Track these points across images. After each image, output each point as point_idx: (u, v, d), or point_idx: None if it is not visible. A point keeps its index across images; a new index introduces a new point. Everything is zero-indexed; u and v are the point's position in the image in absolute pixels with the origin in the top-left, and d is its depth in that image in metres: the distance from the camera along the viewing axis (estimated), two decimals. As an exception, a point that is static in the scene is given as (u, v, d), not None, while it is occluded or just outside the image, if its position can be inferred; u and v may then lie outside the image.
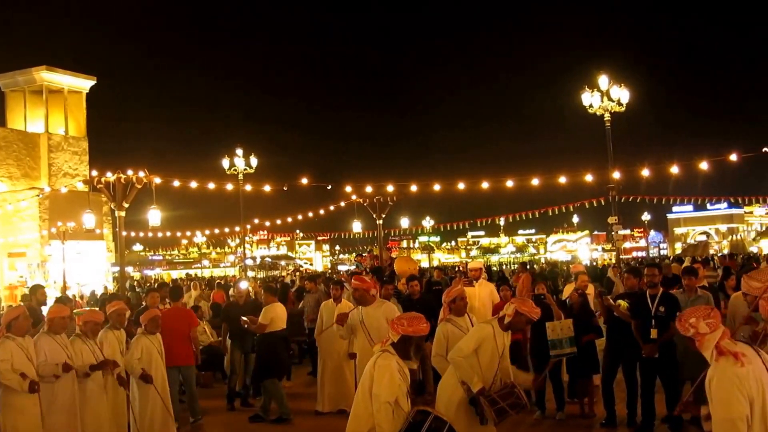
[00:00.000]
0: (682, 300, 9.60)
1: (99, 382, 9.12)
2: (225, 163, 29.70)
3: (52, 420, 8.41)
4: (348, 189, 23.98)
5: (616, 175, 22.42)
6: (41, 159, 36.93)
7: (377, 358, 6.07)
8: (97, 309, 11.96)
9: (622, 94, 22.21)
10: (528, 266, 25.13)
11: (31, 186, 34.92)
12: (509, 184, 22.56)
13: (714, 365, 4.66)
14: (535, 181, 22.55)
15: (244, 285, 14.66)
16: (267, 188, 27.34)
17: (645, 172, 22.30)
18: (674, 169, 21.51)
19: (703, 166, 20.98)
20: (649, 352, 9.36)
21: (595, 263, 50.16)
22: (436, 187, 22.77)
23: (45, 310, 10.42)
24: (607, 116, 22.03)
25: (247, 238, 73.03)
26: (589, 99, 22.25)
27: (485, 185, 22.83)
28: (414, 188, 22.93)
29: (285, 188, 26.85)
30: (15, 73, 38.43)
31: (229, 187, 23.98)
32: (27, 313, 8.71)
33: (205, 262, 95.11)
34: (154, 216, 16.17)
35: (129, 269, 74.54)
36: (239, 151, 30.04)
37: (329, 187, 25.78)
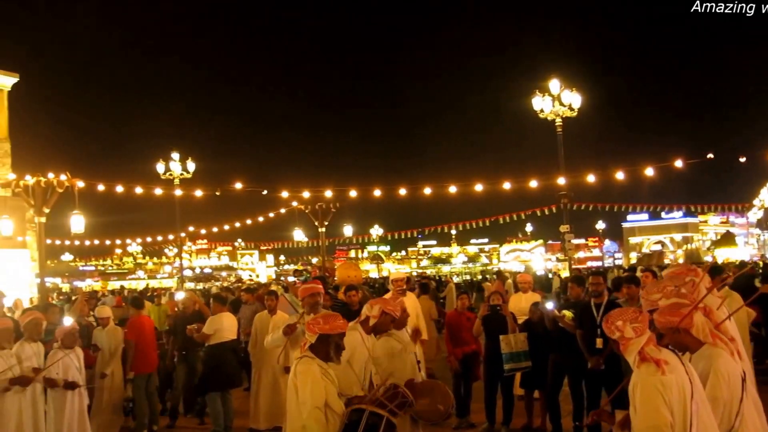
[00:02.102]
0: (625, 309, 9.70)
1: (17, 396, 8.93)
2: (160, 167, 29.38)
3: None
4: (284, 194, 23.68)
5: (562, 181, 22.54)
6: (-45, 160, 35.98)
7: (296, 366, 6.05)
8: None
9: (573, 99, 22.45)
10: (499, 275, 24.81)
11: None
12: (453, 190, 22.55)
13: (636, 372, 4.72)
14: (478, 187, 22.59)
15: (180, 296, 14.50)
16: (198, 193, 26.97)
17: (592, 179, 22.43)
18: (624, 176, 21.67)
19: (649, 172, 21.21)
20: (594, 364, 9.40)
21: (550, 273, 50.49)
22: (377, 193, 22.63)
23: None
24: (558, 121, 22.25)
25: (185, 248, 72.36)
26: (540, 103, 22.45)
27: (428, 191, 22.78)
28: (353, 193, 22.71)
29: (217, 193, 26.54)
30: (-74, 70, 37.05)
31: (159, 192, 23.52)
32: None
33: (140, 273, 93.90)
34: (77, 222, 15.74)
35: (57, 280, 73.41)
36: (175, 155, 29.74)
37: (264, 192, 25.51)
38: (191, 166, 29.53)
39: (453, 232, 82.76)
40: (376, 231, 64.62)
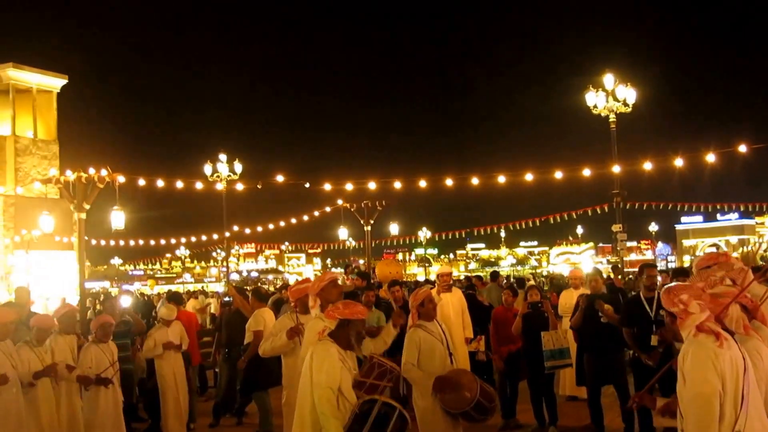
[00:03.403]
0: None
1: (48, 391, 8.85)
2: (207, 169, 29.43)
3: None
4: (327, 187, 23.38)
5: (617, 169, 21.95)
6: (7, 164, 36.13)
7: (314, 348, 5.90)
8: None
9: (628, 94, 21.95)
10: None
11: (-3, 193, 34.31)
12: (501, 180, 22.08)
13: (690, 340, 4.49)
14: (529, 176, 22.11)
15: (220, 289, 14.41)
16: (240, 186, 26.98)
17: (647, 172, 21.77)
18: (681, 163, 20.91)
19: (710, 158, 20.40)
20: (652, 360, 9.00)
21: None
22: (422, 184, 22.26)
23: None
24: (612, 117, 21.78)
25: (233, 251, 72.67)
26: (594, 99, 21.99)
27: (475, 181, 22.38)
28: (398, 185, 22.36)
29: (259, 186, 26.46)
30: (-22, 71, 37.52)
31: (199, 185, 23.39)
32: None
33: (187, 276, 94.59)
34: (118, 218, 15.69)
35: (106, 284, 74.23)
36: (222, 157, 29.80)
37: (307, 185, 25.34)
38: (238, 167, 29.54)
39: (502, 233, 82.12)
40: (424, 234, 64.38)
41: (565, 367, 10.85)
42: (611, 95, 21.86)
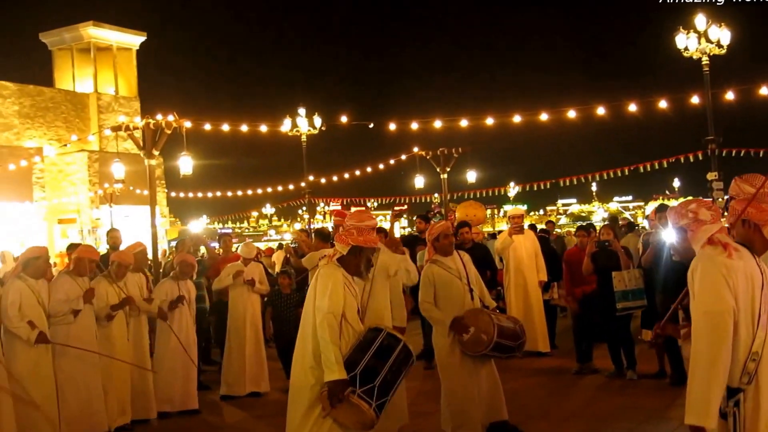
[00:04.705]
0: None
1: (122, 327, 9.11)
2: (287, 123, 29.51)
3: (64, 366, 8.33)
4: (392, 127, 23.10)
5: (710, 113, 21.25)
6: (91, 120, 37.25)
7: (319, 270, 5.78)
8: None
9: (722, 35, 21.13)
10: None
11: (81, 148, 35.33)
12: (572, 114, 21.60)
13: (700, 253, 4.10)
14: (600, 111, 21.55)
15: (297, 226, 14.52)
16: (305, 128, 26.95)
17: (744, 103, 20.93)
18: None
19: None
20: None
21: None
22: (489, 121, 21.85)
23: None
24: (705, 60, 21.03)
25: (318, 209, 72.99)
26: (685, 41, 21.24)
27: (544, 116, 21.92)
28: (464, 122, 21.95)
29: (323, 128, 26.49)
30: (61, 30, 38.74)
31: (264, 128, 23.31)
32: (48, 257, 8.74)
33: (273, 233, 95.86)
34: (186, 163, 15.77)
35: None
36: (302, 111, 29.81)
37: (371, 126, 25.23)
38: (318, 121, 29.54)
39: (593, 187, 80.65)
40: (512, 187, 63.58)
41: (639, 309, 10.55)
42: (703, 36, 21.07)
